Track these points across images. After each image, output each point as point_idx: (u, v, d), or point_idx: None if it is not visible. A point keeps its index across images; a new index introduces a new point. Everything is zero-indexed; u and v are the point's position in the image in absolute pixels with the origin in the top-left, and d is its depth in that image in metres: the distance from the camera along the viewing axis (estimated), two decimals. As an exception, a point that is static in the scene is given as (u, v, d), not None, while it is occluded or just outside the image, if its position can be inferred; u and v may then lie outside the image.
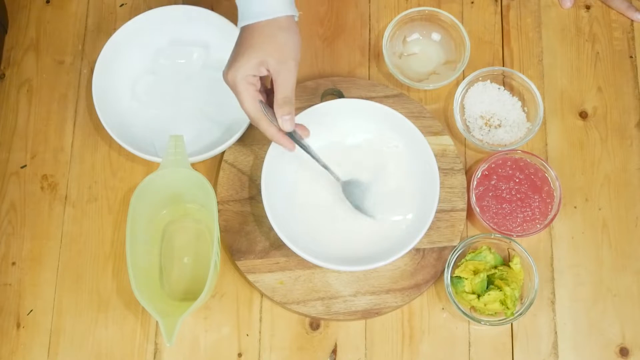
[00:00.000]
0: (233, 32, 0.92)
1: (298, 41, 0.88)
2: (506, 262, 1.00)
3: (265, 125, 0.89)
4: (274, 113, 0.88)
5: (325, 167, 0.96)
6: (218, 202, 1.00)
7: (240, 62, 0.85)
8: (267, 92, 0.91)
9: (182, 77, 1.08)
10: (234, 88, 0.87)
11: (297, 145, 0.92)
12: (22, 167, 1.06)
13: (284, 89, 0.87)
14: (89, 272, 1.01)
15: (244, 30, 0.87)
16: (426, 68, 1.11)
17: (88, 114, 1.08)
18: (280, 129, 0.89)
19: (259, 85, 0.89)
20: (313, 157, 0.94)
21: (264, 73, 0.87)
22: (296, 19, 0.89)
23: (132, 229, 0.92)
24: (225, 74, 0.87)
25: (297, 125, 0.92)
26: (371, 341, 0.98)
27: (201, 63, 1.09)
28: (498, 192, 1.01)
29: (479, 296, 0.96)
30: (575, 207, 1.05)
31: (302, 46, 1.10)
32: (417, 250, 1.00)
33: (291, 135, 0.91)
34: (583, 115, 1.09)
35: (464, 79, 1.07)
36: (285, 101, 0.87)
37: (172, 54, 1.09)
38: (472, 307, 0.98)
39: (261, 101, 0.89)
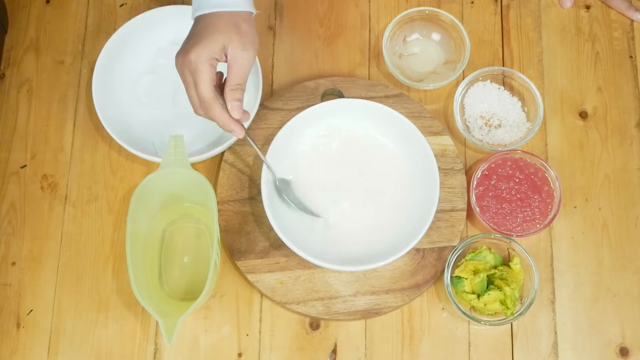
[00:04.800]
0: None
1: (257, 37, 0.88)
2: (506, 262, 1.00)
3: (218, 110, 0.87)
4: (223, 100, 0.88)
5: (265, 162, 0.95)
6: (218, 202, 1.00)
7: (204, 43, 0.85)
8: (218, 81, 0.91)
9: (182, 77, 1.08)
10: (195, 69, 0.85)
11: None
12: (22, 167, 1.06)
13: (238, 75, 0.86)
14: (89, 272, 1.01)
15: (205, 18, 0.87)
16: (426, 68, 1.11)
17: (88, 114, 1.08)
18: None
19: (216, 70, 0.88)
20: (255, 147, 0.94)
21: (223, 59, 0.87)
22: (254, 15, 0.89)
23: (132, 229, 0.92)
24: (185, 54, 0.85)
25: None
26: (371, 341, 0.98)
27: (201, 63, 1.09)
28: (498, 192, 1.01)
29: (479, 296, 0.96)
30: (575, 207, 1.05)
31: (302, 46, 1.12)
32: (417, 250, 1.00)
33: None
34: (583, 115, 1.09)
35: (464, 79, 1.07)
36: (238, 87, 0.87)
37: (172, 54, 1.08)
38: (472, 307, 0.98)
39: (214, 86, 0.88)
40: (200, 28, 0.87)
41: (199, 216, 1.01)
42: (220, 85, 0.89)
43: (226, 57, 0.86)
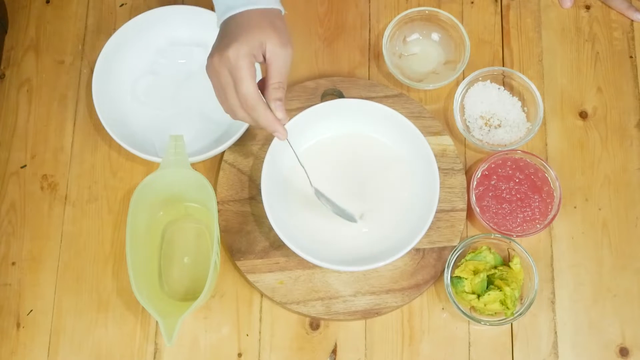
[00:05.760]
0: (233, 32, 0.92)
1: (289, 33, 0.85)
2: (506, 262, 1.00)
3: (263, 109, 0.83)
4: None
5: (304, 169, 0.93)
6: (218, 202, 1.00)
7: (242, 39, 0.80)
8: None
9: (182, 77, 1.08)
10: (235, 65, 0.80)
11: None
12: (22, 167, 1.06)
13: (280, 73, 0.83)
14: (89, 272, 1.01)
15: (235, 18, 0.83)
16: (426, 68, 1.11)
17: (88, 114, 1.08)
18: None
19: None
20: (294, 152, 0.91)
21: (260, 59, 0.83)
22: (283, 15, 0.88)
23: (132, 229, 0.92)
24: (221, 53, 0.81)
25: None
26: (371, 341, 0.98)
27: (201, 63, 1.08)
28: (498, 192, 1.01)
29: (479, 296, 0.96)
30: (575, 207, 1.05)
31: (302, 46, 1.12)
32: (417, 250, 1.00)
33: None
34: (583, 115, 1.09)
35: (464, 79, 1.07)
36: (280, 86, 0.84)
37: (172, 54, 1.09)
38: (472, 307, 0.98)
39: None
40: (233, 27, 0.82)
41: (199, 216, 1.01)
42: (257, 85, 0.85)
43: (263, 56, 0.83)
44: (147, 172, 1.04)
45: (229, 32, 0.83)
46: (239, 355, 0.98)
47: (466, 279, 0.97)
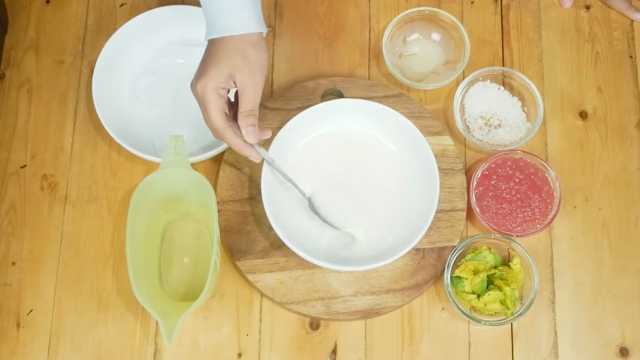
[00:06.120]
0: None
1: (266, 57, 0.89)
2: (506, 262, 1.00)
3: (231, 136, 0.88)
4: (237, 126, 0.89)
5: (291, 182, 0.96)
6: (218, 202, 1.00)
7: (210, 73, 0.85)
8: (231, 105, 0.91)
9: (182, 77, 1.08)
10: (202, 98, 0.87)
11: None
12: (22, 167, 1.06)
13: (250, 102, 0.87)
14: (89, 272, 1.01)
15: (215, 43, 0.87)
16: (426, 68, 1.11)
17: (88, 114, 1.08)
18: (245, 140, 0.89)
19: (226, 97, 0.89)
20: (277, 170, 0.95)
21: (232, 86, 0.87)
22: (264, 35, 0.89)
23: (132, 229, 0.92)
24: (194, 84, 0.87)
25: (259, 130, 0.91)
26: (371, 341, 0.98)
27: (201, 63, 1.09)
28: (498, 192, 1.01)
29: (479, 296, 0.96)
30: (575, 207, 1.05)
31: (302, 46, 1.12)
32: (417, 250, 1.00)
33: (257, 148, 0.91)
34: (583, 115, 1.09)
35: (464, 79, 1.07)
36: (250, 113, 0.87)
37: (172, 54, 1.09)
38: (472, 307, 0.98)
39: (226, 113, 0.88)
40: (209, 55, 0.87)
41: (199, 216, 1.01)
42: (234, 109, 0.90)
43: (235, 84, 0.87)
44: (147, 172, 1.04)
45: (205, 60, 0.88)
46: (239, 355, 0.98)
47: (466, 279, 0.97)
